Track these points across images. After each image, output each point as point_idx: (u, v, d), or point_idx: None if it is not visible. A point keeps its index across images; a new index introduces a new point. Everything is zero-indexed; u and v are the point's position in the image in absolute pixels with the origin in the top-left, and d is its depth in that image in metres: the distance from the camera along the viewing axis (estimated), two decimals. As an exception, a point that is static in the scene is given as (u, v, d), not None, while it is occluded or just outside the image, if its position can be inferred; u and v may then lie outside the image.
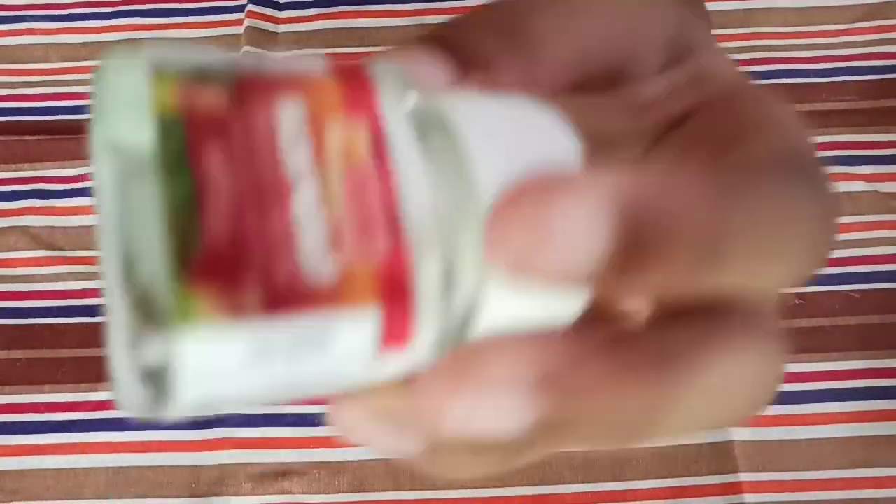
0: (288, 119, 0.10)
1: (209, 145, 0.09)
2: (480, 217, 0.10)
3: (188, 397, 0.09)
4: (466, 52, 0.13)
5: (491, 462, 0.13)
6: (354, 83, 0.11)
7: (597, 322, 0.14)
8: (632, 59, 0.15)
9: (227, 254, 0.09)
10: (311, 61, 0.11)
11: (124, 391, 0.10)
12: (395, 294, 0.10)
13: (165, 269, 0.09)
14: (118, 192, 0.10)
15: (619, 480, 0.36)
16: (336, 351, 0.10)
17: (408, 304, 0.10)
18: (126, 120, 0.10)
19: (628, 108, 0.15)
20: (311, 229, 0.10)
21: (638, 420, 0.11)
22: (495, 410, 0.10)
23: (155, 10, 0.47)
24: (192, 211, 0.09)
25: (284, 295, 0.09)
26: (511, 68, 0.13)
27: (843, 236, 0.39)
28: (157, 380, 0.09)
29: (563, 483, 0.36)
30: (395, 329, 0.10)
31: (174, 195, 0.09)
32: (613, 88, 0.15)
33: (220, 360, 0.09)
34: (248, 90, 0.10)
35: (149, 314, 0.09)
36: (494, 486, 0.36)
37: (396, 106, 0.11)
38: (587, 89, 0.15)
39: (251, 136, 0.10)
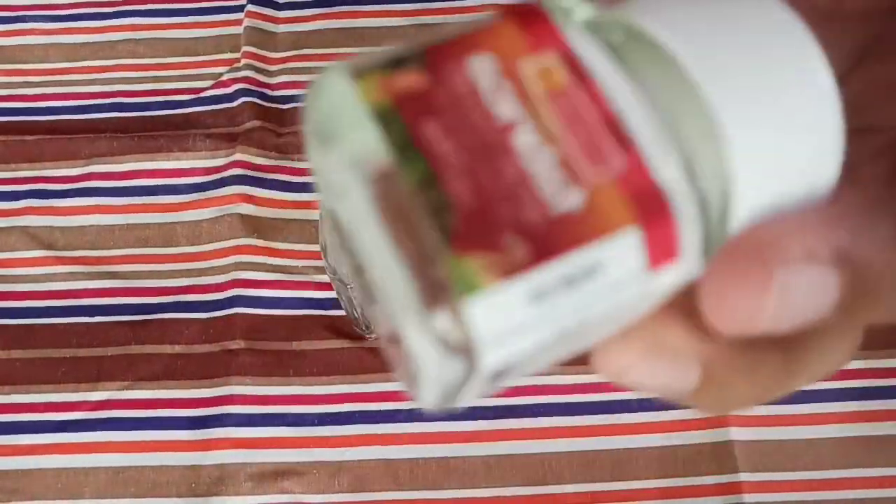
0: (483, 73, 0.10)
1: (426, 122, 0.10)
2: (704, 105, 0.10)
3: (493, 361, 0.10)
4: None
5: (765, 385, 0.12)
6: (530, 19, 0.11)
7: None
8: None
9: (481, 217, 0.09)
10: (482, 17, 0.11)
11: (424, 381, 0.11)
12: (649, 208, 0.10)
13: (437, 247, 0.09)
14: (367, 194, 0.10)
15: (619, 480, 0.36)
16: (609, 280, 0.10)
17: (667, 215, 0.10)
18: (351, 130, 0.10)
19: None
20: (544, 168, 0.10)
21: None
22: (803, 293, 0.10)
23: (155, 10, 0.47)
24: (437, 186, 0.10)
25: (545, 241, 0.10)
26: None
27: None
28: (457, 357, 0.10)
29: (563, 483, 0.36)
30: (662, 243, 0.10)
31: (417, 177, 0.10)
32: None
33: (510, 316, 0.10)
34: (438, 61, 0.10)
35: (434, 294, 0.10)
36: (494, 486, 0.36)
37: (578, 26, 0.11)
38: None
39: (457, 101, 0.10)
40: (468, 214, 0.10)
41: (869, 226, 0.10)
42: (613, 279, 0.10)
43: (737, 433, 0.36)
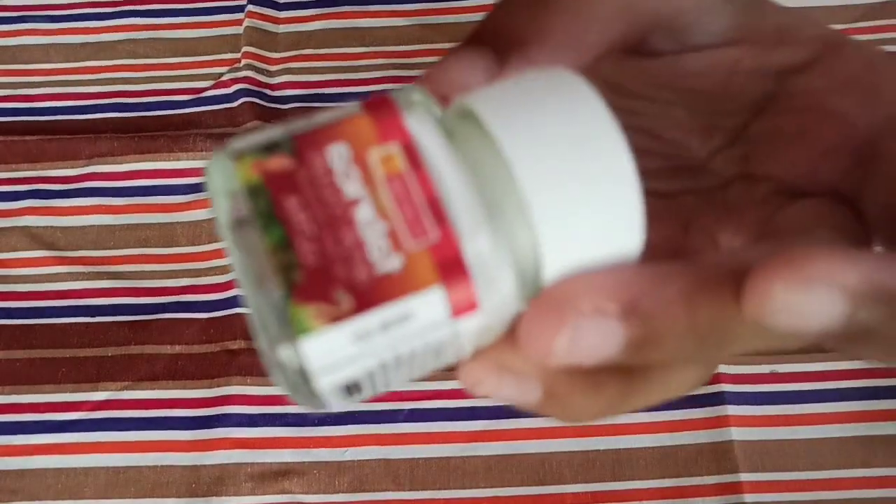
0: (337, 159, 0.13)
1: (287, 196, 0.13)
2: (517, 182, 0.13)
3: (327, 383, 0.13)
4: (504, 37, 0.14)
5: (605, 402, 0.14)
6: (383, 112, 0.13)
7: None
8: (684, 18, 0.15)
9: (320, 275, 0.12)
10: (348, 107, 0.14)
11: (285, 390, 0.13)
12: (451, 272, 0.13)
13: (280, 298, 0.12)
14: (238, 247, 0.13)
15: (619, 480, 0.36)
16: (419, 324, 0.13)
17: (465, 277, 0.13)
18: (228, 198, 0.13)
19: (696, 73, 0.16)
20: (375, 237, 0.13)
21: (717, 333, 0.12)
22: (589, 338, 0.13)
23: (155, 10, 0.47)
24: (288, 249, 0.12)
25: (367, 295, 0.12)
26: (545, 44, 0.14)
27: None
28: (298, 380, 0.13)
29: (563, 483, 0.36)
30: (461, 298, 0.13)
31: (273, 241, 0.13)
32: (674, 55, 0.16)
33: (335, 351, 0.13)
34: (304, 146, 0.13)
35: (276, 333, 0.12)
36: (494, 486, 0.36)
37: (424, 118, 0.14)
38: (642, 53, 0.16)
39: (314, 181, 0.13)
40: (310, 272, 0.12)
41: (659, 286, 0.13)
42: (422, 324, 0.13)
43: (737, 433, 0.36)
